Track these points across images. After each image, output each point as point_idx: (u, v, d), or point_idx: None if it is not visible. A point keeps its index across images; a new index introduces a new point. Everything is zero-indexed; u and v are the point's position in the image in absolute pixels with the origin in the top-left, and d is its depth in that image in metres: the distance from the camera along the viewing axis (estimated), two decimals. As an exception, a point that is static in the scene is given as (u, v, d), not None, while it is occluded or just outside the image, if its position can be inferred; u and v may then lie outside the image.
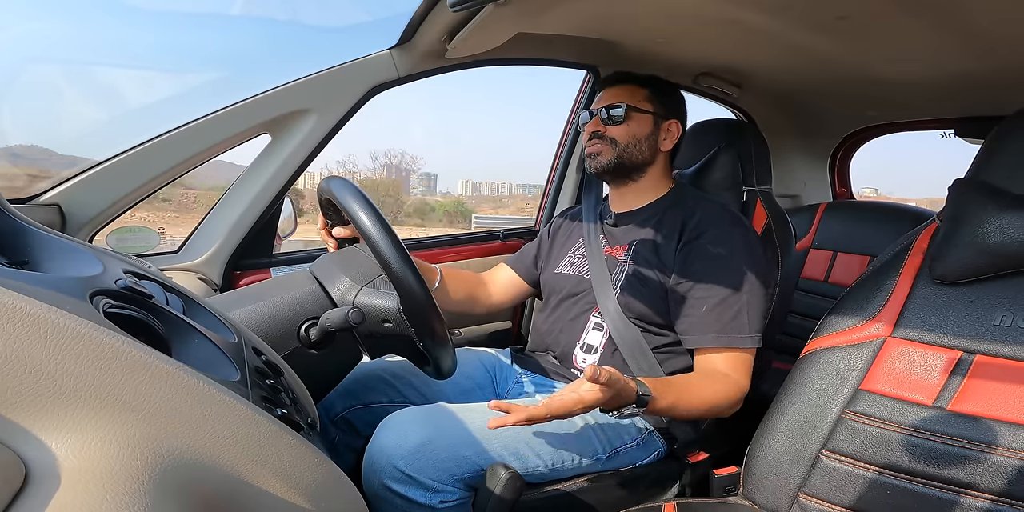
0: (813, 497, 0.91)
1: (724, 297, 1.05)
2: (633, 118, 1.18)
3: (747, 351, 1.06)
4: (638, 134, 1.18)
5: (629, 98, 1.19)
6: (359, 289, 0.84)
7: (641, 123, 1.19)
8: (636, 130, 1.18)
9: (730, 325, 1.04)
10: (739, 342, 1.04)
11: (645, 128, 1.19)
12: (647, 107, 1.19)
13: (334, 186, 0.83)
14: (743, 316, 1.05)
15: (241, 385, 0.44)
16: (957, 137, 1.83)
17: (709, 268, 1.07)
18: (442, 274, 1.23)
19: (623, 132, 1.18)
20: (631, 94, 1.20)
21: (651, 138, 1.19)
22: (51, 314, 0.30)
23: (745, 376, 1.05)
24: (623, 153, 1.18)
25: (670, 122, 1.21)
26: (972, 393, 0.84)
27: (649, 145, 1.19)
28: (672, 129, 1.21)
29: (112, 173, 1.14)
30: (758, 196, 1.31)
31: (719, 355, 1.05)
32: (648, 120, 1.19)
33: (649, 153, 1.19)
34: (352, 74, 1.29)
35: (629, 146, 1.18)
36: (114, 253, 0.55)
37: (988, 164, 0.94)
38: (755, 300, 1.06)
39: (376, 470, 0.88)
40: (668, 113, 1.21)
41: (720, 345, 1.05)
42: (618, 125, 1.18)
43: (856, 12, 1.11)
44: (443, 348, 0.81)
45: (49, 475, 0.27)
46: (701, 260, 1.08)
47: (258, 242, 1.32)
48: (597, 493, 1.01)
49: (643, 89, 1.21)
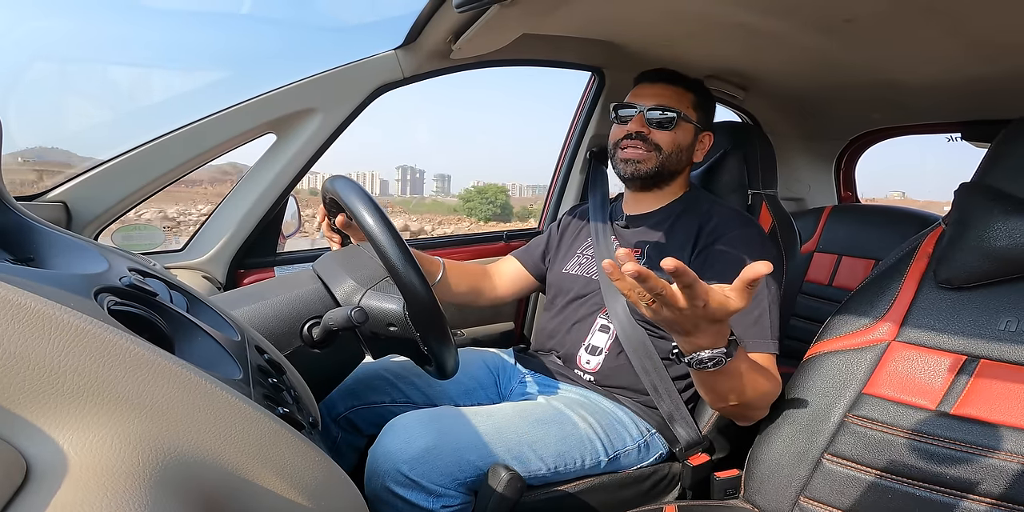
0: (814, 500, 0.90)
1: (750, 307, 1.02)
2: (680, 127, 1.14)
3: (771, 356, 1.02)
4: (682, 144, 1.15)
5: (678, 103, 1.15)
6: (364, 292, 0.84)
7: (686, 132, 1.15)
8: (681, 139, 1.15)
9: (751, 330, 1.01)
10: (760, 347, 1.01)
11: (688, 138, 1.16)
12: (693, 116, 1.16)
13: (339, 186, 0.83)
14: (764, 321, 1.02)
15: (243, 383, 0.44)
16: (963, 141, 1.82)
17: (729, 272, 1.04)
18: (445, 266, 1.21)
19: (669, 140, 1.14)
20: (680, 98, 1.16)
21: (689, 149, 1.17)
22: (55, 311, 0.30)
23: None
24: (665, 162, 1.14)
25: (706, 134, 1.19)
26: (976, 397, 0.84)
27: (687, 156, 1.17)
28: (705, 141, 1.19)
29: (118, 171, 1.14)
30: (763, 199, 1.31)
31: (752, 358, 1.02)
32: (691, 130, 1.16)
33: (685, 163, 1.17)
34: (358, 74, 1.29)
35: (672, 155, 1.14)
36: (119, 251, 0.55)
37: (994, 168, 0.93)
38: (774, 305, 1.04)
39: (380, 473, 0.88)
40: (707, 124, 1.19)
41: (750, 349, 1.00)
42: (665, 131, 1.14)
43: (863, 15, 1.11)
44: (446, 349, 0.81)
45: (50, 472, 0.27)
46: (720, 264, 1.05)
47: (262, 241, 1.33)
48: (598, 495, 1.01)
49: (690, 94, 1.17)
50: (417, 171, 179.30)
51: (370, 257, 0.90)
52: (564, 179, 1.77)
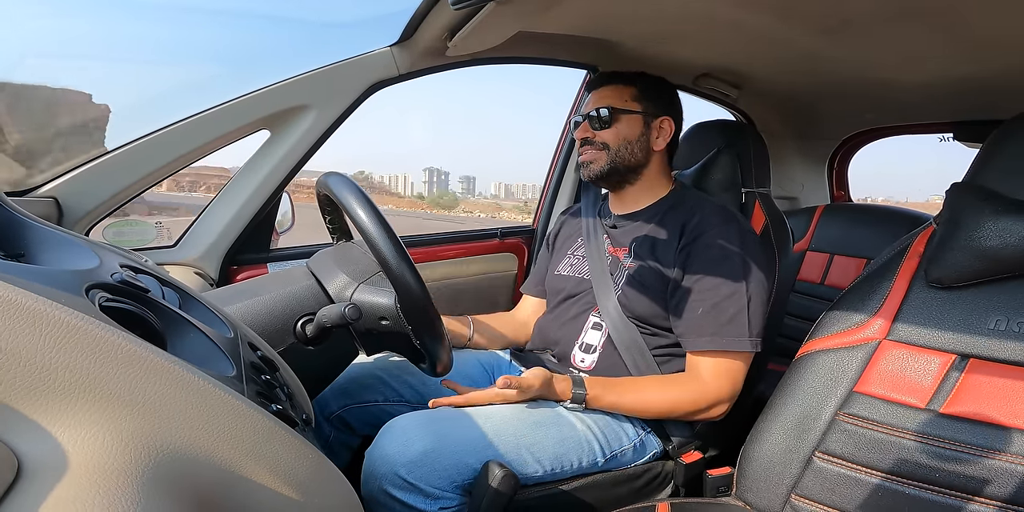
0: (805, 498, 0.91)
1: (721, 299, 1.04)
2: (621, 120, 1.16)
3: (741, 355, 1.05)
4: (628, 136, 1.16)
5: (615, 99, 1.17)
6: (356, 286, 0.84)
7: (630, 124, 1.17)
8: (626, 132, 1.16)
9: (726, 328, 1.03)
10: (735, 345, 1.03)
11: (635, 129, 1.17)
12: (634, 106, 1.17)
13: (332, 182, 0.83)
14: (742, 318, 1.04)
15: (236, 380, 0.44)
16: (955, 141, 1.83)
17: (707, 269, 1.06)
18: (473, 326, 1.26)
19: (613, 135, 1.16)
20: (617, 95, 1.18)
21: (642, 138, 1.17)
22: (46, 307, 0.30)
23: (728, 381, 1.04)
24: (615, 157, 1.16)
25: (661, 120, 1.19)
26: (965, 396, 0.84)
27: (641, 146, 1.17)
28: (664, 127, 1.19)
29: (110, 167, 1.13)
30: (756, 198, 1.31)
31: (707, 359, 1.05)
32: (637, 120, 1.17)
33: (642, 154, 1.18)
34: (352, 71, 1.28)
35: (621, 149, 1.16)
36: (110, 247, 0.55)
37: (986, 168, 0.94)
38: (755, 302, 1.05)
39: (377, 476, 0.88)
40: (658, 110, 1.19)
41: (715, 348, 1.04)
42: (607, 128, 1.16)
43: (857, 15, 1.11)
44: (440, 346, 0.81)
45: (42, 469, 0.27)
46: (700, 261, 1.07)
47: (255, 237, 1.32)
48: (592, 492, 1.01)
49: (629, 88, 1.18)
50: (443, 173, 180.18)
51: (364, 253, 0.90)
52: (558, 178, 1.77)
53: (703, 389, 1.03)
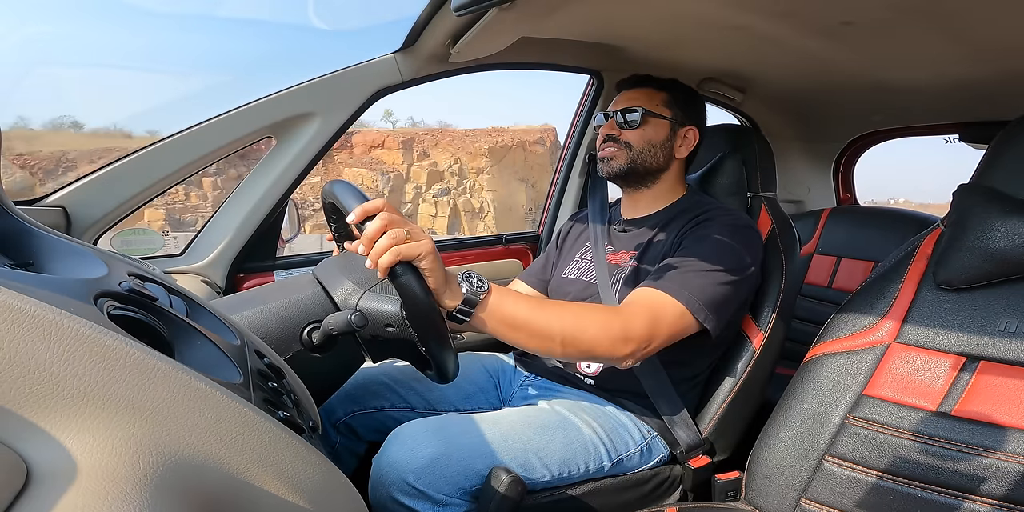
0: (815, 502, 0.90)
1: (692, 264, 0.99)
2: (649, 123, 1.17)
3: (678, 308, 0.95)
4: (653, 139, 1.17)
5: (646, 102, 1.18)
6: (362, 293, 0.84)
7: (657, 128, 1.17)
8: (652, 135, 1.17)
9: (679, 281, 0.96)
10: (677, 294, 0.95)
11: (661, 134, 1.17)
12: (664, 112, 1.18)
13: (337, 189, 0.83)
14: (699, 282, 0.97)
15: (243, 387, 0.44)
16: (961, 142, 1.83)
17: (691, 245, 1.05)
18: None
19: (638, 137, 1.17)
20: (649, 98, 1.18)
21: (666, 144, 1.18)
22: (55, 316, 0.30)
23: (647, 321, 0.92)
24: (636, 158, 1.16)
25: (687, 129, 1.20)
26: (976, 398, 0.84)
27: (664, 151, 1.18)
28: (689, 136, 1.20)
29: (117, 176, 1.15)
30: (763, 202, 1.31)
31: (640, 294, 0.97)
32: (665, 125, 1.18)
33: (664, 159, 1.18)
34: (356, 78, 1.29)
35: (643, 151, 1.16)
36: (118, 255, 0.55)
37: (992, 169, 0.94)
38: (725, 286, 0.99)
39: (386, 483, 0.88)
40: (686, 119, 1.20)
41: (656, 288, 0.96)
42: (633, 129, 1.17)
43: (861, 18, 1.11)
44: (446, 352, 0.81)
45: (51, 476, 0.27)
46: (688, 241, 1.06)
47: (262, 245, 1.33)
48: (599, 498, 1.01)
49: (661, 93, 1.19)
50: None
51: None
52: (563, 182, 1.77)
53: (618, 320, 0.92)
